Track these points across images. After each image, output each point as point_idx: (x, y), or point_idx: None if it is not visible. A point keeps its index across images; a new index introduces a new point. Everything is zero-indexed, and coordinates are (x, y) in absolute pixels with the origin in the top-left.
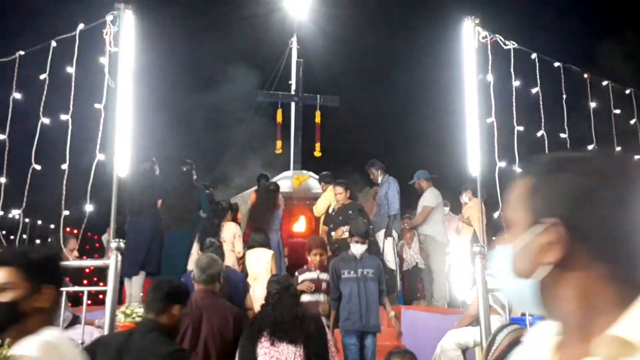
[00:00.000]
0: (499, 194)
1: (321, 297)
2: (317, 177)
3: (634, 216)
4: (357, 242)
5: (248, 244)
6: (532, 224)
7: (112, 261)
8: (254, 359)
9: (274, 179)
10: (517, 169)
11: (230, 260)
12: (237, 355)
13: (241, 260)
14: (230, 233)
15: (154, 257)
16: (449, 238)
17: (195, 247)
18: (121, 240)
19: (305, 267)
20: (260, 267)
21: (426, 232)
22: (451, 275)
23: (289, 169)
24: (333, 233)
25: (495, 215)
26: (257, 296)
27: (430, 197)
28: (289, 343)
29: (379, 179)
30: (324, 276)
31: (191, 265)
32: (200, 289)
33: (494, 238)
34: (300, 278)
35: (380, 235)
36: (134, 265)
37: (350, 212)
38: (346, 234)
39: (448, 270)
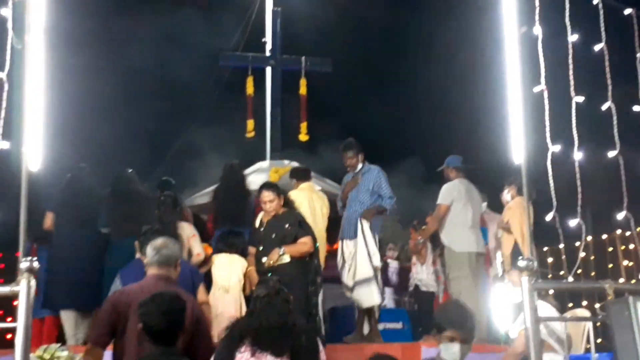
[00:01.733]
0: (552, 189)
1: None
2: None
3: None
4: (454, 341)
5: (216, 248)
6: None
7: (22, 287)
8: None
9: (246, 171)
10: (577, 154)
11: None
12: None
13: (203, 266)
14: (184, 234)
15: (90, 287)
16: (478, 246)
17: None
18: (34, 259)
19: None
20: (231, 276)
21: (442, 241)
22: (489, 300)
23: (264, 158)
24: (264, 259)
25: (548, 218)
26: (228, 314)
27: (444, 192)
28: (272, 355)
29: (359, 166)
30: None
31: None
32: (153, 274)
33: (545, 249)
34: None
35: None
36: (62, 295)
37: (287, 225)
38: (285, 258)
39: (484, 292)
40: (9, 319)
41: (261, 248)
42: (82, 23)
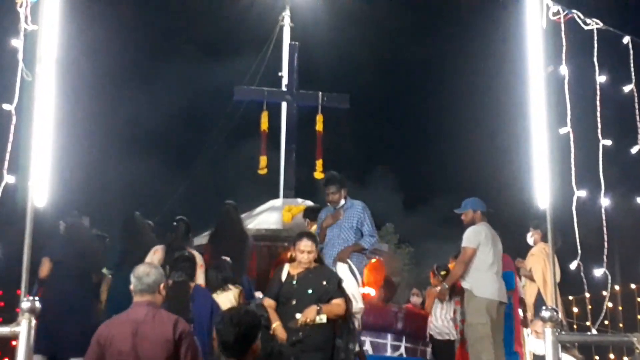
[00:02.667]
0: (577, 235)
1: None
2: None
3: None
4: None
5: (209, 284)
6: None
7: (23, 328)
8: None
9: (257, 210)
10: (604, 200)
11: None
12: None
13: None
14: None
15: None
16: (500, 295)
17: None
18: (36, 298)
19: None
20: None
21: (463, 285)
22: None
23: (277, 196)
24: (299, 315)
25: (572, 266)
26: None
27: (470, 235)
28: None
29: (341, 202)
30: None
31: None
32: (137, 302)
33: (570, 298)
34: None
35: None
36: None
37: (325, 282)
38: (322, 318)
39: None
40: None
41: (294, 302)
42: (95, 56)
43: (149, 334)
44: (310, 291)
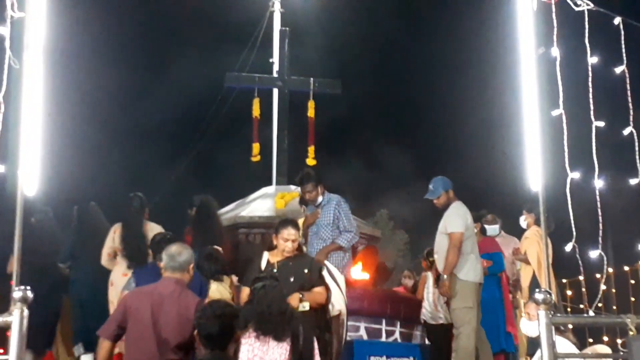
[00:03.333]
0: (571, 217)
1: None
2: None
3: None
4: None
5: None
6: None
7: (15, 318)
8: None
9: (250, 197)
10: (597, 182)
11: None
12: None
13: None
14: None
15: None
16: (482, 277)
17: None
18: (28, 288)
19: None
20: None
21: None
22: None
23: (270, 183)
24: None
25: (567, 248)
26: None
27: (456, 218)
28: (274, 339)
29: (319, 199)
30: None
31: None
32: (168, 277)
33: (564, 281)
34: None
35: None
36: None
37: (306, 270)
38: (305, 306)
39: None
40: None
41: None
42: (83, 43)
43: (171, 310)
44: (292, 279)
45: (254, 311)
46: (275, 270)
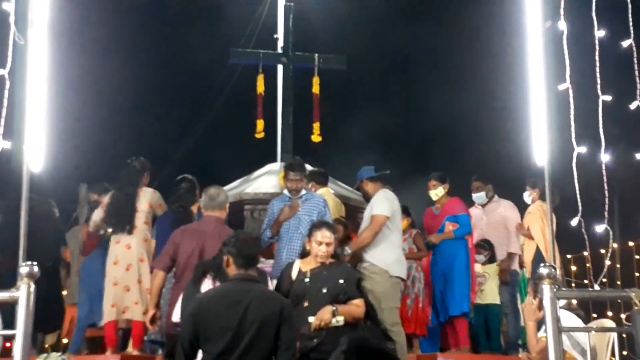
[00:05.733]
0: (577, 192)
1: None
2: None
3: None
4: None
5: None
6: None
7: (22, 293)
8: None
9: (255, 174)
10: (604, 156)
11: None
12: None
13: None
14: (146, 201)
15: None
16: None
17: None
18: (34, 263)
19: None
20: None
21: (370, 260)
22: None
23: (275, 160)
24: (312, 319)
25: (573, 223)
26: None
27: (383, 201)
28: None
29: (302, 192)
30: None
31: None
32: (209, 216)
33: (568, 256)
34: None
35: None
36: None
37: (342, 281)
38: (339, 321)
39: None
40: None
41: (306, 304)
42: (88, 18)
43: (214, 243)
44: (324, 290)
45: (212, 264)
46: (307, 280)
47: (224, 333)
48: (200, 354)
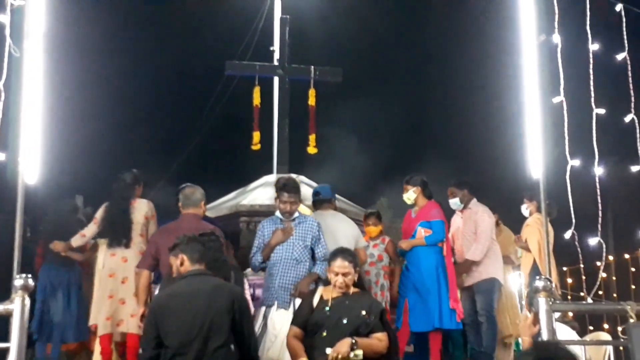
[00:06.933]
0: (570, 204)
1: None
2: (311, 183)
3: None
4: None
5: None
6: None
7: (16, 306)
8: None
9: (251, 186)
10: (598, 169)
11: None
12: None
13: None
14: (141, 213)
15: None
16: None
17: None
18: (29, 276)
19: None
20: None
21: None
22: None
23: (271, 172)
24: (329, 350)
25: (566, 235)
26: None
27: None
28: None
29: (296, 214)
30: None
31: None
32: (186, 213)
33: (564, 269)
34: None
35: None
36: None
37: (364, 312)
38: (358, 354)
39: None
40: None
41: (325, 334)
42: (83, 30)
43: None
44: (345, 321)
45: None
46: (327, 309)
47: (181, 327)
48: None
